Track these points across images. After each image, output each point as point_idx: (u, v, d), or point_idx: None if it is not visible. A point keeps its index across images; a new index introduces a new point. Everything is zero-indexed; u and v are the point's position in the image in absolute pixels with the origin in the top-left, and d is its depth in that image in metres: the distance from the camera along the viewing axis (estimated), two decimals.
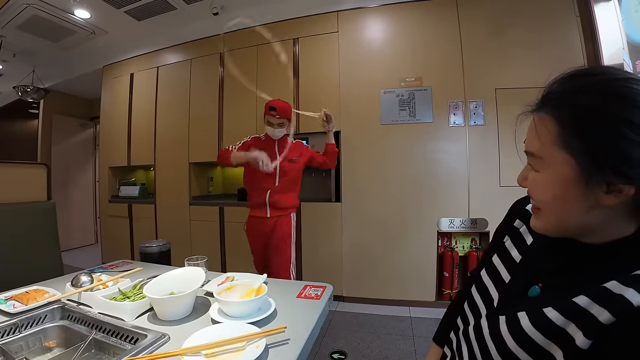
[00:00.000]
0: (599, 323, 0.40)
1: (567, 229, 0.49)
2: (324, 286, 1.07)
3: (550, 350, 0.45)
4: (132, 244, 3.75)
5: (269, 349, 0.71)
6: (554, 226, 0.50)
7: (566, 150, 0.44)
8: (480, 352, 0.56)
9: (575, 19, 2.41)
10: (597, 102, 0.42)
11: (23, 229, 1.57)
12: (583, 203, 0.44)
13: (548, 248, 0.56)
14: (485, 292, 0.63)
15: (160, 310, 0.88)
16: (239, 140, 2.12)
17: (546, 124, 0.46)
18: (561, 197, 0.46)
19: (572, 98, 0.44)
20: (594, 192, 0.43)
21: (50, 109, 4.77)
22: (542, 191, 0.49)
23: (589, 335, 0.40)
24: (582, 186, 0.43)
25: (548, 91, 0.48)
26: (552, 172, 0.47)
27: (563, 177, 0.45)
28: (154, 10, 3.14)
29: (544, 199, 0.49)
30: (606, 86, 0.43)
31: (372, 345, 2.09)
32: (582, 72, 0.46)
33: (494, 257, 0.67)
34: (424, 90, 2.69)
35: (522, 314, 0.50)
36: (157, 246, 1.57)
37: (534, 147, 0.49)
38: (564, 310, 0.44)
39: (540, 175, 0.49)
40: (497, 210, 2.51)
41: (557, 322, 0.44)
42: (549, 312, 0.46)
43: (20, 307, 0.91)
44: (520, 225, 0.66)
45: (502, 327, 0.52)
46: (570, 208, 0.46)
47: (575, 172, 0.44)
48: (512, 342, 0.49)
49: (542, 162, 0.48)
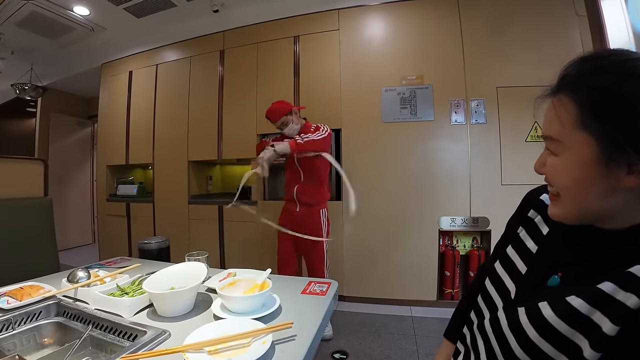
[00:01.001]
0: (626, 308, 0.39)
1: (587, 214, 0.48)
2: (329, 282, 1.04)
3: (575, 339, 0.43)
4: (129, 243, 3.71)
5: (276, 345, 0.68)
6: (573, 212, 0.49)
7: (586, 132, 0.43)
8: (498, 345, 0.54)
9: (575, 18, 2.41)
10: (612, 82, 0.42)
11: (20, 225, 1.54)
12: (604, 185, 0.43)
13: (566, 237, 0.55)
14: (501, 285, 0.61)
15: (161, 306, 0.85)
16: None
17: (565, 106, 0.46)
18: (582, 180, 0.45)
19: (587, 79, 0.44)
20: (615, 173, 0.42)
21: (48, 107, 4.72)
22: (562, 175, 0.48)
23: (617, 322, 0.39)
24: (602, 168, 0.43)
25: (565, 74, 0.47)
26: (572, 154, 0.46)
27: (583, 159, 0.44)
28: (154, 7, 3.11)
29: (564, 183, 0.48)
30: (620, 66, 0.42)
31: (374, 344, 2.07)
32: (597, 54, 0.46)
33: (508, 248, 0.65)
34: (425, 89, 2.67)
35: (544, 304, 0.48)
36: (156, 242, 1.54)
37: (554, 130, 0.48)
38: (589, 297, 0.43)
39: (559, 159, 0.48)
40: (499, 208, 2.50)
41: (582, 310, 0.43)
42: (573, 300, 0.44)
43: (14, 303, 0.88)
44: (534, 216, 0.64)
45: (522, 318, 0.50)
46: (590, 191, 0.45)
47: (595, 154, 0.43)
48: (534, 333, 0.47)
49: (562, 145, 0.47)
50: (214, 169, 3.90)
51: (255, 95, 3.07)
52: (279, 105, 2.08)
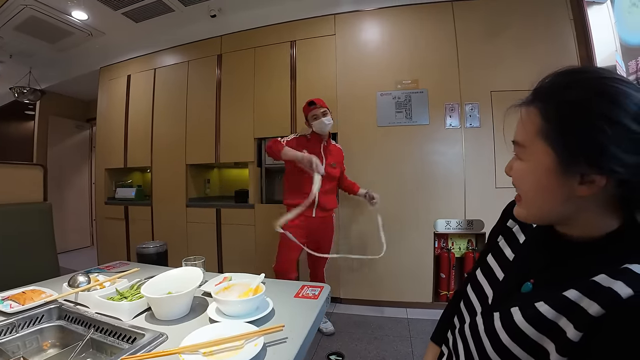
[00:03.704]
0: (589, 316, 0.41)
1: (546, 217, 0.52)
2: (321, 286, 1.07)
3: (542, 344, 0.46)
4: (128, 246, 3.73)
5: (267, 347, 0.71)
6: (534, 214, 0.53)
7: (546, 142, 0.47)
8: (476, 349, 0.57)
9: (569, 23, 2.45)
10: (580, 98, 0.44)
11: (19, 230, 1.56)
12: (560, 192, 0.47)
13: (539, 244, 0.58)
14: (480, 291, 0.64)
15: (158, 310, 0.88)
16: (283, 137, 2.19)
17: (531, 116, 0.49)
18: (541, 185, 0.49)
19: (558, 93, 0.47)
20: (569, 182, 0.45)
21: (46, 111, 4.74)
22: (525, 179, 0.52)
23: (580, 328, 0.41)
24: (559, 176, 0.46)
25: (539, 86, 0.50)
26: (534, 161, 0.49)
27: (543, 166, 0.47)
28: (152, 12, 3.14)
29: (526, 187, 0.52)
30: (591, 84, 0.45)
31: (370, 346, 2.09)
32: (571, 70, 0.48)
33: (488, 256, 0.69)
34: (420, 93, 2.71)
35: (515, 309, 0.51)
36: (154, 247, 1.57)
37: (520, 137, 0.52)
38: (555, 304, 0.45)
39: (523, 164, 0.52)
40: (493, 211, 2.50)
41: (548, 316, 0.45)
42: (541, 306, 0.47)
43: (17, 307, 0.91)
44: (512, 225, 0.68)
45: (497, 323, 0.53)
46: (548, 197, 0.49)
47: (553, 163, 0.46)
48: (506, 337, 0.50)
49: (526, 151, 0.51)
50: (212, 172, 3.92)
51: (252, 99, 3.10)
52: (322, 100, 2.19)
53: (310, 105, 2.15)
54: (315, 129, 2.18)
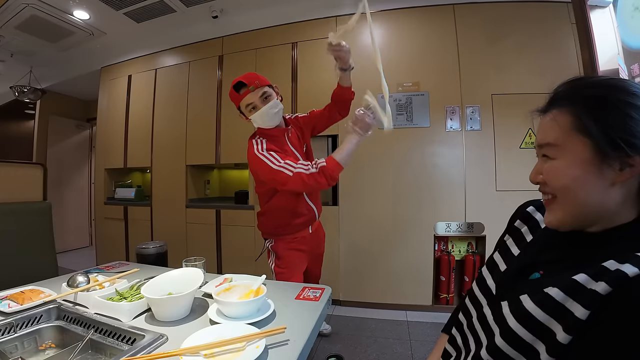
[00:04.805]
0: (597, 294, 0.42)
1: (584, 214, 0.51)
2: (322, 288, 1.07)
3: (550, 326, 0.46)
4: (127, 246, 3.72)
5: (269, 349, 0.71)
6: (571, 213, 0.52)
7: (582, 134, 0.49)
8: (487, 339, 0.57)
9: (570, 27, 2.46)
10: (603, 93, 0.49)
11: (18, 229, 1.55)
12: (601, 181, 0.48)
13: (548, 239, 0.60)
14: (484, 284, 0.66)
15: (158, 310, 0.87)
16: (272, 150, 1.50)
17: (560, 116, 0.52)
18: (580, 177, 0.50)
19: (580, 92, 0.52)
20: (607, 170, 0.47)
21: (46, 110, 4.74)
22: (562, 176, 0.52)
23: (587, 306, 0.43)
24: (598, 164, 0.48)
25: (555, 92, 0.55)
26: (570, 155, 0.51)
27: (581, 158, 0.49)
28: (153, 12, 3.14)
29: (563, 183, 0.52)
30: (606, 82, 0.51)
31: (369, 349, 2.08)
32: (584, 77, 0.56)
33: (494, 254, 0.71)
34: (421, 95, 2.71)
35: (525, 296, 0.52)
36: (154, 247, 1.56)
37: (552, 137, 0.53)
38: (564, 287, 0.47)
39: (558, 162, 0.52)
40: (494, 214, 2.53)
41: (557, 298, 0.47)
42: (550, 290, 0.48)
43: (16, 307, 0.90)
44: (521, 226, 0.70)
45: (505, 309, 0.54)
46: (589, 188, 0.49)
47: (592, 152, 0.48)
48: (514, 321, 0.51)
49: (560, 149, 0.52)
50: (212, 173, 3.91)
51: None
52: (255, 74, 1.49)
53: (238, 91, 1.42)
54: (257, 124, 1.46)
